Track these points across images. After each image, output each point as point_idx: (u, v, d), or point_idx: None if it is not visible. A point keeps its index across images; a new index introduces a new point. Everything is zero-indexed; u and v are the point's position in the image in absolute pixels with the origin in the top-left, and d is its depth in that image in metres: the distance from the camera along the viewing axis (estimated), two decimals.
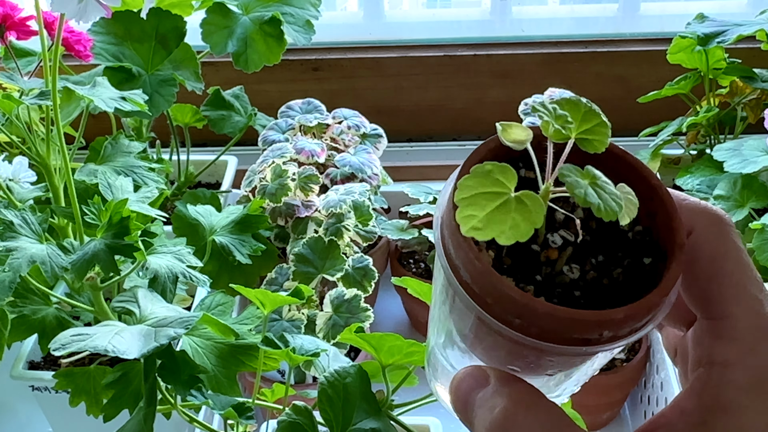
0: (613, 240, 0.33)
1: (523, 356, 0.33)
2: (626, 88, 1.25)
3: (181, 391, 0.59)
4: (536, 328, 0.30)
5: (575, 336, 0.30)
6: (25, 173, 0.72)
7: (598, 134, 0.33)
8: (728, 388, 0.31)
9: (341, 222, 0.89)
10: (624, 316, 0.30)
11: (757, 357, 0.31)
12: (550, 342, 0.30)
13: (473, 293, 0.31)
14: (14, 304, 0.68)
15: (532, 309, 0.30)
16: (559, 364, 0.33)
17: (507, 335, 0.31)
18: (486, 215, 0.30)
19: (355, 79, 1.30)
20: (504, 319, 0.31)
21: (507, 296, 0.30)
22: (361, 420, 0.54)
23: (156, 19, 0.93)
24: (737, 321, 0.32)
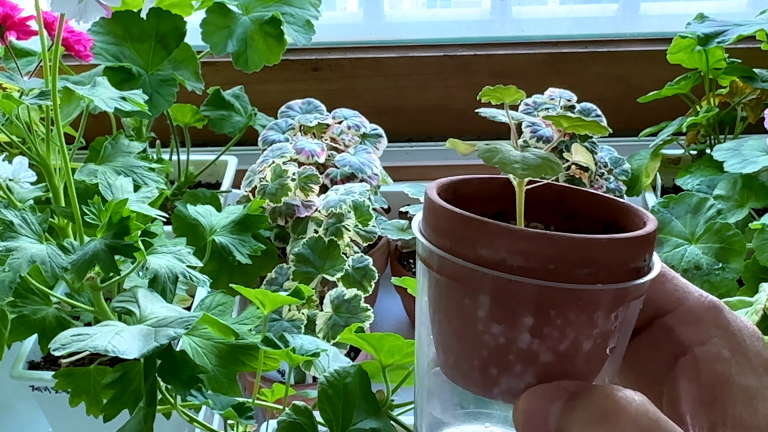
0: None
1: (594, 323, 0.31)
2: (626, 88, 1.25)
3: (181, 391, 0.59)
4: (603, 268, 0.30)
5: (632, 265, 0.31)
6: (25, 173, 0.72)
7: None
8: (718, 362, 0.32)
9: (341, 222, 0.89)
10: (651, 234, 0.31)
11: (721, 331, 0.33)
12: (620, 281, 0.31)
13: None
14: (14, 304, 0.68)
15: (593, 246, 0.30)
16: (620, 327, 0.32)
17: (581, 295, 0.30)
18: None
19: (355, 79, 1.30)
20: (571, 276, 0.30)
21: (568, 245, 0.30)
22: (361, 420, 0.54)
23: (156, 19, 0.93)
24: (690, 306, 0.34)
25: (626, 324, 0.33)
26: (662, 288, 0.35)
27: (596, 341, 0.32)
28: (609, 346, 0.32)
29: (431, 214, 0.33)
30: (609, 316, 0.31)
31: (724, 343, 0.33)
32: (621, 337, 0.33)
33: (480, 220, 0.31)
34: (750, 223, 0.85)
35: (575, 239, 0.30)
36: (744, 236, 0.86)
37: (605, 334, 0.32)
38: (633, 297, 0.32)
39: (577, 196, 0.36)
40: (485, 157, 0.32)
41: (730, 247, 0.86)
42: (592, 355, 0.32)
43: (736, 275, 0.85)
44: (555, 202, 0.36)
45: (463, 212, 0.31)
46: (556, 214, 0.37)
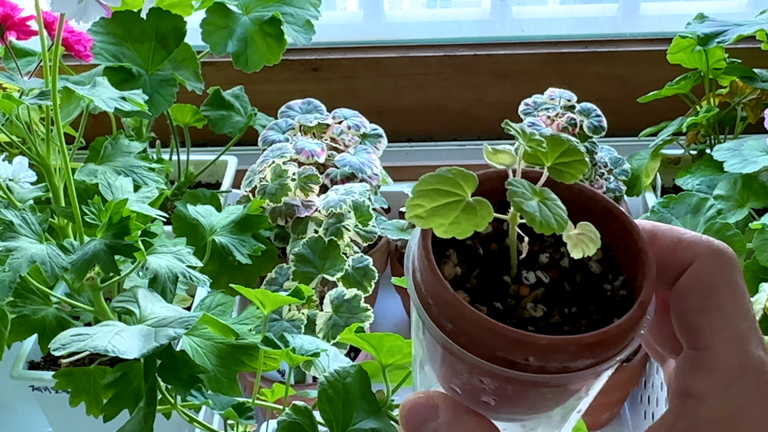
0: (593, 296, 0.33)
1: (458, 372, 0.32)
2: (626, 88, 1.25)
3: (181, 391, 0.59)
4: (465, 336, 0.30)
5: (500, 354, 0.30)
6: (25, 173, 0.72)
7: (574, 169, 0.33)
8: (699, 421, 0.31)
9: (341, 222, 0.89)
10: (547, 344, 0.29)
11: (730, 393, 0.31)
12: (476, 355, 0.30)
13: (421, 293, 0.32)
14: (14, 304, 0.68)
15: (459, 313, 0.30)
16: (494, 392, 0.32)
17: (441, 342, 0.31)
18: (432, 208, 0.31)
19: (355, 79, 1.30)
20: (439, 322, 0.31)
21: (441, 296, 0.30)
22: (361, 420, 0.54)
23: (156, 19, 0.93)
24: (718, 354, 0.32)
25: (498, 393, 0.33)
26: (708, 317, 0.33)
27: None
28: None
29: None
30: (473, 376, 0.32)
31: (735, 408, 0.32)
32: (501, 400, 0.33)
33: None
34: (750, 223, 0.85)
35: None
36: (744, 236, 0.86)
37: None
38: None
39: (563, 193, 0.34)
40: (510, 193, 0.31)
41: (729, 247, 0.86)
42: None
43: None
44: None
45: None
46: None
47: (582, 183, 0.35)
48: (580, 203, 0.34)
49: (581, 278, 0.34)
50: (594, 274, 0.34)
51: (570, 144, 0.33)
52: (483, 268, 0.33)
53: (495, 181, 0.33)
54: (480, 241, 0.34)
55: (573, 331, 0.32)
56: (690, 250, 0.33)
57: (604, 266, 0.34)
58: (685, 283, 0.33)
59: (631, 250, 0.33)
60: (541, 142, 0.33)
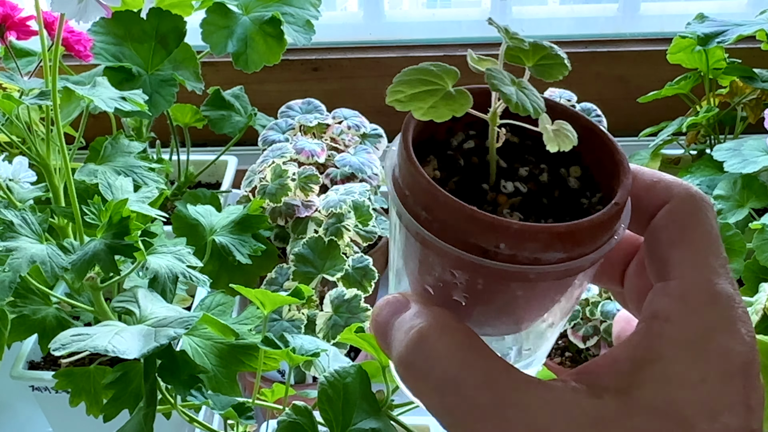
0: (570, 209, 0.33)
1: (430, 266, 0.32)
2: (626, 88, 1.25)
3: (181, 391, 0.59)
4: (438, 222, 0.30)
5: (471, 240, 0.30)
6: (25, 173, 0.72)
7: (555, 69, 0.34)
8: (663, 340, 0.31)
9: (341, 222, 0.89)
10: (518, 228, 0.29)
11: (699, 318, 0.31)
12: (449, 243, 0.30)
13: (398, 186, 0.32)
14: (14, 304, 0.68)
15: (434, 196, 0.30)
16: (465, 288, 0.32)
17: (415, 232, 0.31)
18: (412, 93, 0.32)
19: (355, 79, 1.30)
20: (414, 211, 0.31)
21: (417, 183, 0.31)
22: (361, 420, 0.54)
23: (156, 19, 0.93)
24: (688, 282, 0.32)
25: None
26: (680, 251, 0.33)
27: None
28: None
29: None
30: (445, 270, 0.32)
31: (700, 332, 0.32)
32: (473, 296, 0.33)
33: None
34: (750, 223, 0.85)
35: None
36: (744, 236, 0.86)
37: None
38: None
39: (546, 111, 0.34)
40: (488, 76, 0.32)
41: (730, 247, 0.86)
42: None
43: (736, 275, 0.85)
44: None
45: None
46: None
47: (566, 105, 0.35)
48: (563, 119, 0.34)
49: (559, 193, 0.34)
50: (572, 189, 0.34)
51: (551, 49, 0.35)
52: (462, 176, 0.33)
53: (478, 93, 0.34)
54: (462, 153, 0.34)
55: None
56: (667, 190, 0.34)
57: (582, 183, 0.34)
58: (659, 221, 0.33)
59: (609, 164, 0.33)
60: (523, 41, 0.34)
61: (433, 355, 0.31)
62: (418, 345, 0.31)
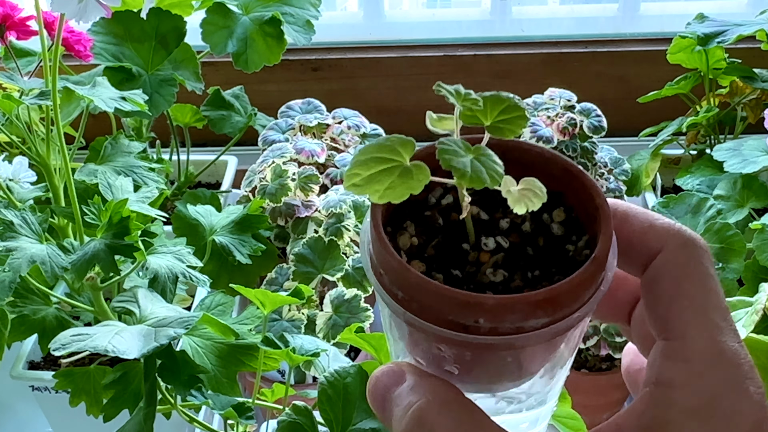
0: (557, 259, 0.33)
1: (416, 342, 0.32)
2: (626, 88, 1.25)
3: (181, 391, 0.59)
4: (415, 303, 0.30)
5: (451, 318, 0.29)
6: (25, 173, 0.72)
7: (513, 124, 0.33)
8: (670, 409, 0.30)
9: (341, 222, 0.89)
10: (495, 303, 0.29)
11: (704, 382, 0.30)
12: (428, 321, 0.30)
13: (373, 264, 0.32)
14: (14, 304, 0.68)
15: (406, 278, 0.30)
16: (454, 360, 0.32)
17: (394, 311, 0.31)
18: (369, 175, 0.31)
19: (355, 79, 1.30)
20: (391, 291, 0.31)
21: (389, 264, 0.30)
22: (361, 420, 0.54)
23: (156, 19, 0.93)
24: (691, 343, 0.31)
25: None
26: (680, 306, 0.32)
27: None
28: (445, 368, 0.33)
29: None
30: (431, 345, 0.32)
31: (706, 397, 0.31)
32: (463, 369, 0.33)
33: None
34: (750, 223, 0.85)
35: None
36: (744, 236, 0.86)
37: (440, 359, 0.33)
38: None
39: (521, 157, 0.34)
40: (440, 151, 0.31)
41: (730, 247, 0.86)
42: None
43: (736, 275, 0.85)
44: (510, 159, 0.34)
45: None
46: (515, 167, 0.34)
47: (540, 146, 0.34)
48: (539, 167, 0.33)
49: (544, 241, 0.33)
50: (556, 236, 0.33)
51: (510, 101, 0.33)
52: (442, 238, 0.33)
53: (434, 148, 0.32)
54: (440, 211, 0.34)
55: None
56: (659, 237, 0.33)
57: (566, 227, 0.34)
58: (654, 273, 0.33)
59: (590, 208, 0.33)
60: (477, 101, 0.33)
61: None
62: (418, 423, 0.31)
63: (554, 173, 0.33)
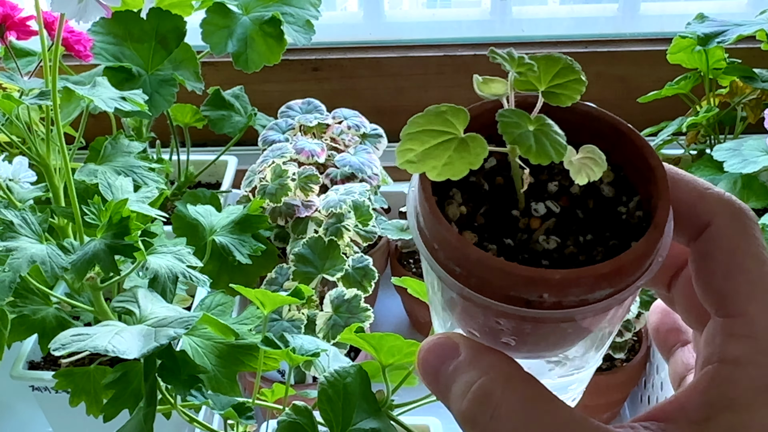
0: (608, 221, 0.32)
1: (473, 315, 0.31)
2: (626, 88, 1.25)
3: (181, 391, 0.59)
4: (475, 278, 0.29)
5: (513, 293, 0.29)
6: (25, 173, 0.72)
7: (570, 89, 0.32)
8: (738, 386, 0.30)
9: (341, 222, 0.89)
10: (561, 278, 0.28)
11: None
12: (489, 297, 0.29)
13: (426, 239, 0.30)
14: (14, 304, 0.68)
15: (465, 255, 0.29)
16: (513, 333, 0.31)
17: (451, 287, 0.30)
18: (423, 150, 0.30)
19: (355, 79, 1.30)
20: (447, 266, 0.30)
21: (445, 239, 0.29)
22: (361, 420, 0.54)
23: (156, 19, 0.93)
24: (753, 319, 0.30)
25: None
26: (736, 281, 0.31)
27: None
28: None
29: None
30: (489, 319, 0.31)
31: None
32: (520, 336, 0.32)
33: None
34: None
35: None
36: None
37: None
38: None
39: (569, 118, 0.32)
40: (501, 125, 0.29)
41: None
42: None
43: None
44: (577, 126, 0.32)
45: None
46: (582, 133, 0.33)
47: (588, 104, 0.33)
48: (587, 125, 0.32)
49: (594, 203, 0.32)
50: (607, 197, 0.32)
51: (564, 62, 0.32)
52: (490, 205, 0.32)
53: (489, 113, 0.31)
54: (485, 176, 0.32)
55: (589, 260, 0.30)
56: (710, 207, 0.32)
57: (616, 188, 0.33)
58: (706, 246, 0.32)
59: (644, 169, 0.32)
60: (532, 65, 0.31)
61: (498, 413, 0.30)
62: (482, 402, 0.30)
63: (603, 132, 0.32)
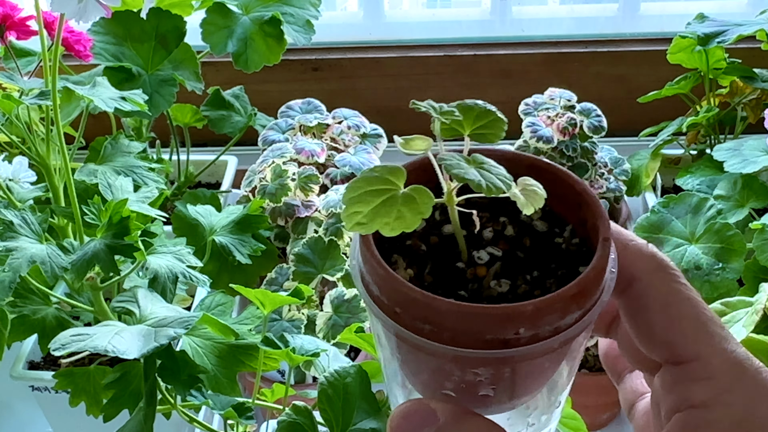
0: (550, 254, 0.32)
1: (447, 373, 0.30)
2: (626, 88, 1.25)
3: (181, 391, 0.59)
4: (447, 331, 0.29)
5: (489, 336, 0.28)
6: (25, 173, 0.72)
7: (494, 128, 0.32)
8: (712, 427, 0.30)
9: (341, 222, 0.89)
10: (534, 308, 0.28)
11: (735, 395, 0.31)
12: (465, 347, 0.28)
13: (383, 305, 0.30)
14: (14, 304, 0.68)
15: (435, 308, 0.28)
16: (492, 381, 0.31)
17: (423, 347, 0.29)
18: (371, 210, 0.30)
19: (355, 79, 1.30)
20: (414, 327, 0.29)
21: (410, 298, 0.29)
22: (361, 420, 0.54)
23: (156, 19, 0.93)
24: (708, 361, 0.31)
25: (507, 378, 0.32)
26: (679, 328, 0.32)
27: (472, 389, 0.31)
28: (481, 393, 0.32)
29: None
30: (466, 372, 0.30)
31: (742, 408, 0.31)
32: (499, 389, 0.32)
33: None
34: (750, 223, 0.85)
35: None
36: (744, 236, 0.86)
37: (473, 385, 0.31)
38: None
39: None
40: (447, 167, 0.30)
41: (730, 247, 0.86)
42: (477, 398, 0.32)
43: (736, 275, 0.85)
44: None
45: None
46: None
47: (502, 148, 0.34)
48: (505, 165, 0.33)
49: (531, 241, 0.33)
50: (541, 232, 0.33)
51: (479, 107, 0.33)
52: (433, 263, 0.32)
53: (420, 169, 0.32)
54: (419, 238, 0.33)
55: (545, 293, 0.30)
56: (633, 261, 0.33)
57: (548, 221, 0.33)
58: (639, 302, 0.32)
59: (570, 195, 0.32)
60: (453, 112, 0.32)
61: None
62: None
63: (520, 171, 0.32)
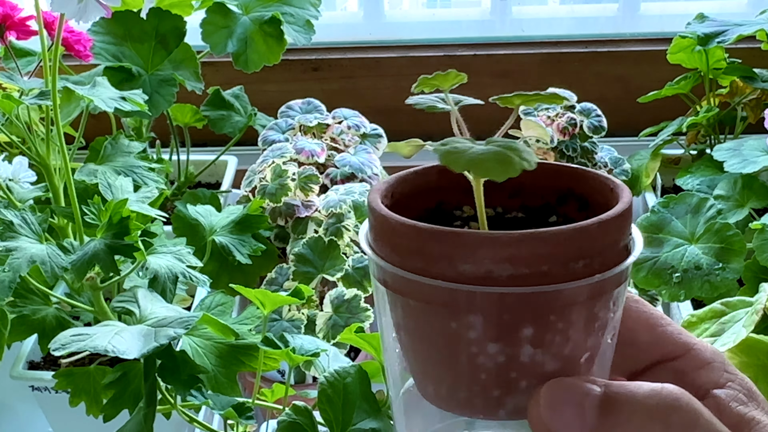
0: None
1: (481, 339, 0.29)
2: (626, 88, 1.25)
3: (181, 391, 0.59)
4: (482, 267, 0.27)
5: (545, 267, 0.27)
6: (25, 173, 0.72)
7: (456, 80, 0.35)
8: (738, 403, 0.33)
9: (341, 222, 0.89)
10: (598, 225, 0.28)
11: (733, 374, 0.34)
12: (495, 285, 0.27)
13: (411, 264, 0.29)
14: (14, 304, 0.68)
15: (464, 242, 0.28)
16: (534, 342, 0.29)
17: (422, 284, 0.28)
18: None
19: (355, 79, 1.30)
20: (445, 274, 0.28)
21: (408, 228, 0.29)
22: (361, 420, 0.54)
23: (156, 19, 0.93)
24: (701, 349, 0.35)
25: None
26: (665, 332, 0.35)
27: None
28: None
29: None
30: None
31: (739, 387, 0.34)
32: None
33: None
34: (750, 223, 0.85)
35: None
36: (744, 236, 0.86)
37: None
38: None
39: None
40: (449, 160, 0.29)
41: (730, 247, 0.86)
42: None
43: (736, 275, 0.85)
44: None
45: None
46: (501, 192, 0.34)
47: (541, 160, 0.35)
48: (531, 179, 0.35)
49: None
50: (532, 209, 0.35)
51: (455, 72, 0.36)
52: None
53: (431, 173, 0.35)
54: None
55: None
56: None
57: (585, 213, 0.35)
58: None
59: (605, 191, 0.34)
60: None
61: None
62: None
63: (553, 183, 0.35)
